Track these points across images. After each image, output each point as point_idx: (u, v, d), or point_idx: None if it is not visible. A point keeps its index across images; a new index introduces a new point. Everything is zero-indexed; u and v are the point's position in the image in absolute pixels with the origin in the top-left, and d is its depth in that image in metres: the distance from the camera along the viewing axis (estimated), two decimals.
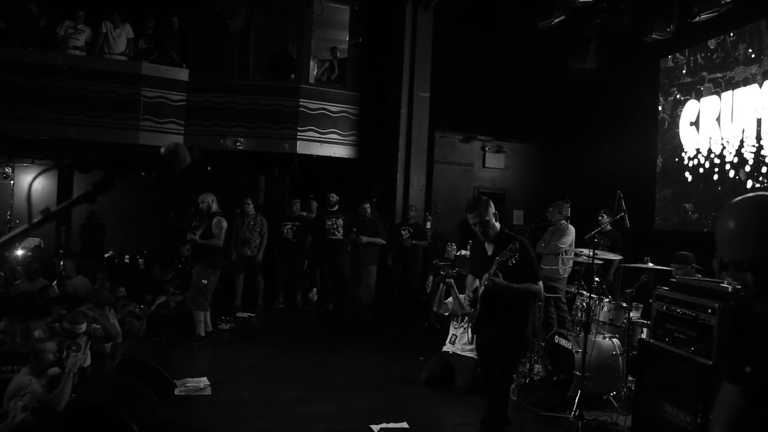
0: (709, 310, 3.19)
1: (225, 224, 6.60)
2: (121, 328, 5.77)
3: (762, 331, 1.49)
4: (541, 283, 3.70)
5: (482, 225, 3.62)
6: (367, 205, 8.21)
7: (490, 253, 3.65)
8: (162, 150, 1.13)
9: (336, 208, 8.78)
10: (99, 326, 5.17)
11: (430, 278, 8.55)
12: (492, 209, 3.67)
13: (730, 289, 3.17)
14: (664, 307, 3.57)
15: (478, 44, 10.03)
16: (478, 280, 3.78)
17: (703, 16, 6.58)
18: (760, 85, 6.84)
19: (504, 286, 3.42)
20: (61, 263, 7.51)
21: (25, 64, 8.90)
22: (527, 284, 3.51)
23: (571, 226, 6.65)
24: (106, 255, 10.05)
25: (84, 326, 4.65)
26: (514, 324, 3.63)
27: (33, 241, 9.85)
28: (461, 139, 10.64)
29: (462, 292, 5.57)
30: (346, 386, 5.27)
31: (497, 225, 3.70)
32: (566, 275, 6.55)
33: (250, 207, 8.77)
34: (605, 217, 6.95)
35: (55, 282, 6.78)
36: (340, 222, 8.66)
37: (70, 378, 3.84)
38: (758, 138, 6.86)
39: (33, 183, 1.18)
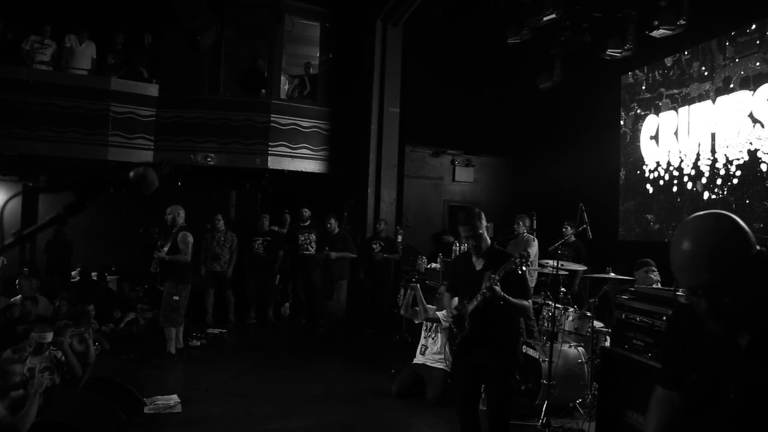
0: (664, 318, 3.33)
1: (191, 238, 6.56)
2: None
3: (707, 343, 1.51)
4: (531, 301, 3.53)
5: (475, 239, 3.44)
6: (333, 220, 8.25)
7: (479, 268, 3.44)
8: (131, 174, 1.19)
9: (308, 223, 8.82)
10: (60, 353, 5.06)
11: (402, 291, 8.62)
12: (484, 222, 3.53)
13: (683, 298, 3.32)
14: (624, 316, 3.71)
15: (446, 59, 10.24)
16: (457, 299, 3.58)
17: (661, 31, 6.86)
18: (713, 101, 7.16)
19: (501, 297, 3.19)
20: (17, 282, 7.30)
21: None
22: (520, 300, 3.33)
23: (534, 238, 6.83)
24: (72, 272, 9.84)
25: (50, 336, 4.57)
26: (511, 344, 3.47)
27: None
28: (431, 154, 10.81)
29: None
30: (317, 400, 5.28)
31: (488, 239, 3.56)
32: (533, 285, 6.71)
33: (220, 223, 8.75)
34: (569, 228, 7.14)
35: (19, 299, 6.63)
36: (313, 237, 8.69)
37: (35, 399, 3.78)
38: (713, 151, 7.17)
39: (5, 207, 1.22)
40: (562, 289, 5.46)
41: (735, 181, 6.84)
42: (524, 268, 3.26)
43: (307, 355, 7.16)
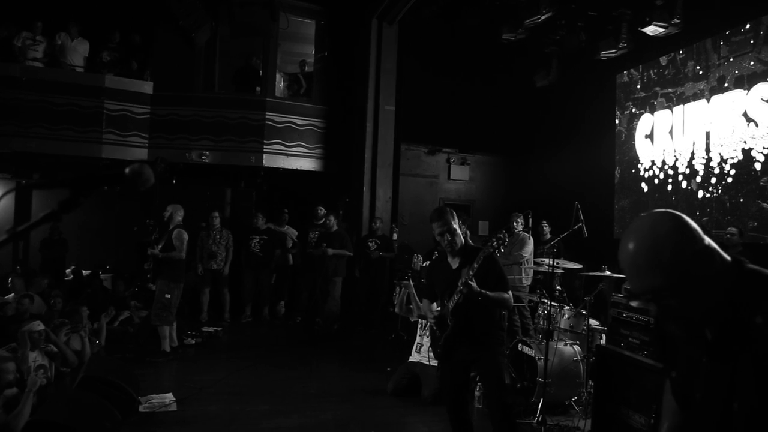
0: None
1: (186, 236, 6.53)
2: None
3: (681, 342, 1.50)
4: (511, 293, 3.49)
5: (450, 233, 3.36)
6: (332, 218, 8.27)
7: (455, 266, 3.42)
8: (127, 170, 1.18)
9: (322, 221, 8.82)
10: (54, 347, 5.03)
11: (397, 289, 8.62)
12: (457, 219, 3.46)
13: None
14: (619, 313, 3.73)
15: (442, 58, 10.24)
16: (436, 304, 3.55)
17: (653, 28, 6.88)
18: (708, 101, 7.19)
19: (478, 293, 3.17)
20: (9, 280, 7.24)
21: None
22: (499, 293, 3.32)
23: (530, 237, 6.84)
24: (66, 270, 9.78)
25: (41, 325, 4.55)
26: (495, 336, 3.45)
27: None
28: (427, 152, 10.81)
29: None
30: (313, 399, 5.27)
31: (462, 237, 3.49)
32: (528, 284, 6.73)
33: (216, 220, 8.71)
34: (546, 227, 7.30)
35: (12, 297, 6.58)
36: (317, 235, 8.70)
37: (29, 398, 3.76)
38: (707, 150, 7.20)
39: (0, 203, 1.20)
40: (558, 287, 5.47)
41: (729, 180, 6.88)
42: (501, 250, 3.22)
43: (303, 354, 7.15)
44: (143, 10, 9.59)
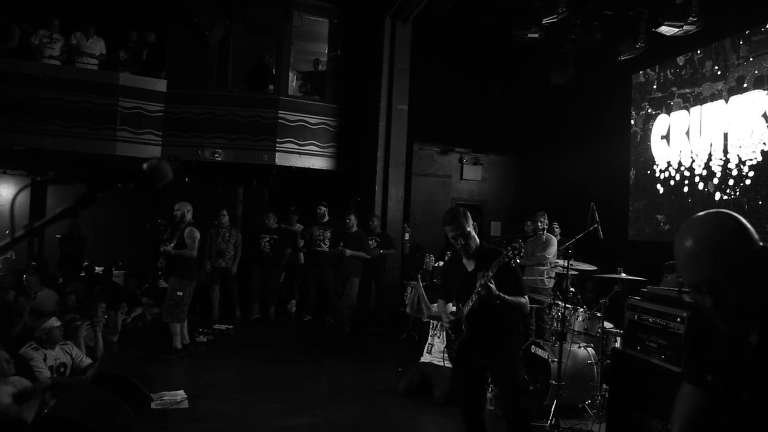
0: (678, 319, 3.29)
1: (197, 234, 6.55)
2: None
3: (721, 345, 1.51)
4: (527, 297, 3.41)
5: (464, 237, 3.31)
6: (353, 217, 8.22)
7: (471, 269, 3.36)
8: (145, 165, 1.16)
9: (326, 220, 8.80)
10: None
11: (409, 289, 8.59)
12: (471, 221, 3.40)
13: (689, 297, 3.28)
14: (636, 317, 3.67)
15: (455, 57, 10.19)
16: (452, 304, 3.50)
17: (666, 29, 6.79)
18: (726, 101, 7.08)
19: (497, 296, 3.10)
20: (24, 277, 7.32)
21: None
22: (516, 297, 3.24)
23: (554, 238, 6.74)
24: (84, 265, 9.87)
25: (57, 321, 4.59)
26: (512, 341, 3.40)
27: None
28: (439, 152, 10.77)
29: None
30: (324, 398, 5.26)
31: (477, 238, 3.43)
32: (550, 286, 6.62)
33: (225, 218, 8.73)
34: (530, 225, 7.26)
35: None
36: (328, 234, 8.67)
37: (41, 394, 3.79)
38: (725, 151, 7.09)
39: (17, 197, 1.19)
40: (572, 289, 5.41)
41: (747, 182, 6.76)
42: (517, 261, 3.17)
43: (314, 353, 7.14)
44: (157, 8, 9.63)
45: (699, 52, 7.57)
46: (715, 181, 7.23)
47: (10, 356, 3.98)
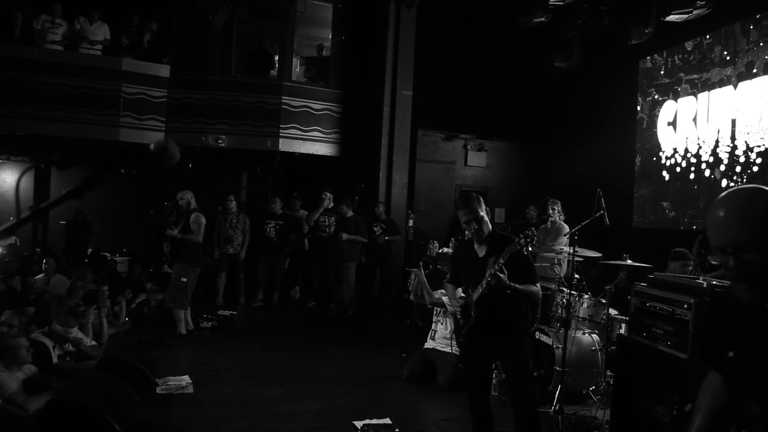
0: (685, 306, 3.26)
1: (203, 220, 6.54)
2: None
3: (743, 317, 1.56)
4: (539, 285, 3.39)
5: (477, 221, 3.29)
6: (344, 207, 8.26)
7: (482, 254, 3.33)
8: (151, 146, 1.14)
9: (331, 206, 8.79)
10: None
11: (412, 276, 8.59)
12: (484, 206, 3.38)
13: (705, 285, 3.26)
14: (642, 303, 3.64)
15: (460, 43, 10.09)
16: (461, 289, 3.49)
17: (674, 17, 6.69)
18: (735, 87, 7.00)
19: (507, 285, 3.07)
20: (44, 261, 7.42)
21: (1, 58, 8.72)
22: (527, 286, 3.22)
23: (566, 226, 6.67)
24: (89, 251, 9.90)
25: (75, 330, 4.62)
26: (520, 328, 3.39)
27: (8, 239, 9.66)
28: (443, 138, 10.71)
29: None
30: (328, 383, 5.28)
31: (489, 224, 3.41)
32: (561, 274, 6.56)
33: (233, 204, 8.71)
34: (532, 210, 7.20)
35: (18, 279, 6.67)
36: (332, 220, 8.67)
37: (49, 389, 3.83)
38: (733, 138, 7.02)
39: (20, 180, 1.18)
40: (576, 275, 5.38)
41: (755, 168, 6.71)
42: (529, 249, 3.16)
43: (318, 338, 7.17)
44: None
45: (708, 36, 7.47)
46: (722, 167, 7.17)
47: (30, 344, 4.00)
